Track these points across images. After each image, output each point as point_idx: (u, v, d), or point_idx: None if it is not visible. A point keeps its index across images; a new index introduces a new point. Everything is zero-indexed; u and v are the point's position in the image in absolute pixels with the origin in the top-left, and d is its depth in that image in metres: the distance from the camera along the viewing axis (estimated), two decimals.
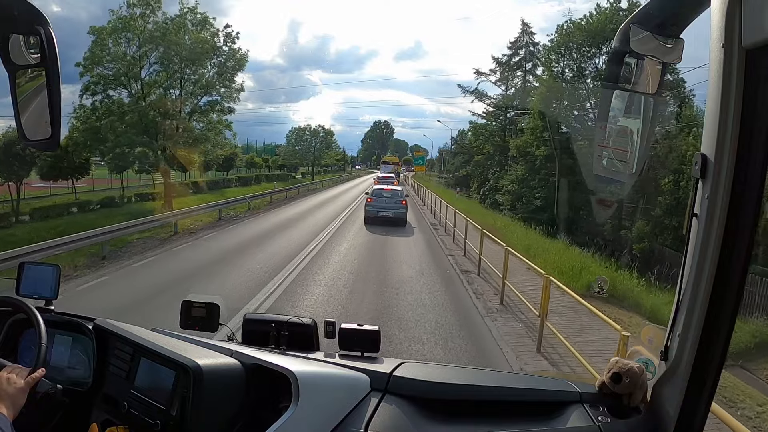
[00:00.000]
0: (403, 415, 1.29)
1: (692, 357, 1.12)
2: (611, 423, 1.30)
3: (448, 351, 5.84)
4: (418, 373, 1.43)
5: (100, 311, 1.81)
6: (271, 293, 7.75)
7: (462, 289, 8.90)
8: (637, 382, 1.31)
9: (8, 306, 1.56)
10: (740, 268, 1.04)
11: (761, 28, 0.87)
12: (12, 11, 1.11)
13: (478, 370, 2.22)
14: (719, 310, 1.07)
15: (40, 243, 9.18)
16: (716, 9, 0.96)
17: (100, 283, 8.49)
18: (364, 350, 1.53)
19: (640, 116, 1.24)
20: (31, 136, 1.22)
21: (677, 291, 1.15)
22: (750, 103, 0.95)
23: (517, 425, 1.32)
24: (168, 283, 8.36)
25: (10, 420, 1.16)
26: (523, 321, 7.12)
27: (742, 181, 0.99)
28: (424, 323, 6.75)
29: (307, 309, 7.07)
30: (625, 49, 1.18)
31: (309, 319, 1.69)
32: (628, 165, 1.25)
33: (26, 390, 1.26)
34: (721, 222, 1.02)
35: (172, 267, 9.92)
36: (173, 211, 15.42)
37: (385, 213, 15.96)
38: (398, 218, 15.96)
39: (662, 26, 1.13)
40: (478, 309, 7.65)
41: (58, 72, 1.15)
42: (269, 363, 1.33)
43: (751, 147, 0.97)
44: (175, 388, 1.32)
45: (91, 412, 1.50)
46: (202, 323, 1.72)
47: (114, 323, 1.59)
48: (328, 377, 1.35)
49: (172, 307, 1.87)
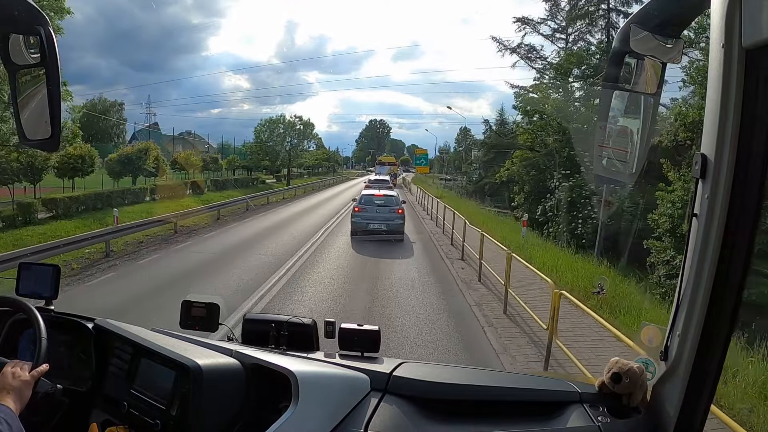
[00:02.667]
0: (403, 415, 1.29)
1: (692, 357, 1.12)
2: (611, 423, 1.30)
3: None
4: (418, 373, 1.43)
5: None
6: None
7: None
8: (637, 382, 1.31)
9: (8, 306, 1.56)
10: (740, 268, 1.04)
11: (761, 28, 0.87)
12: (12, 11, 1.11)
13: (479, 370, 2.21)
14: (719, 310, 1.07)
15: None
16: (716, 9, 0.96)
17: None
18: (364, 350, 1.53)
19: (640, 116, 1.25)
20: (31, 136, 1.22)
21: (677, 291, 1.15)
22: (750, 103, 0.95)
23: (517, 425, 1.32)
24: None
25: (17, 413, 1.16)
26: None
27: (742, 181, 0.99)
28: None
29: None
30: (625, 49, 1.18)
31: (309, 319, 1.69)
32: (627, 165, 1.25)
33: (31, 383, 1.26)
34: (721, 222, 1.02)
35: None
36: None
37: (376, 225, 12.27)
38: (394, 231, 12.33)
39: (662, 26, 1.13)
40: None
41: (58, 72, 1.15)
42: (269, 363, 1.33)
43: (751, 147, 0.97)
44: (175, 388, 1.32)
45: (91, 412, 1.50)
46: (202, 323, 1.72)
47: (114, 323, 1.59)
48: (328, 377, 1.35)
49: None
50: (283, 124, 38.82)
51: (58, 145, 1.24)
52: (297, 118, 40.08)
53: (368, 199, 13.09)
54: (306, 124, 40.48)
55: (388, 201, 13.04)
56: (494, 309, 7.40)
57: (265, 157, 37.15)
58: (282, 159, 38.17)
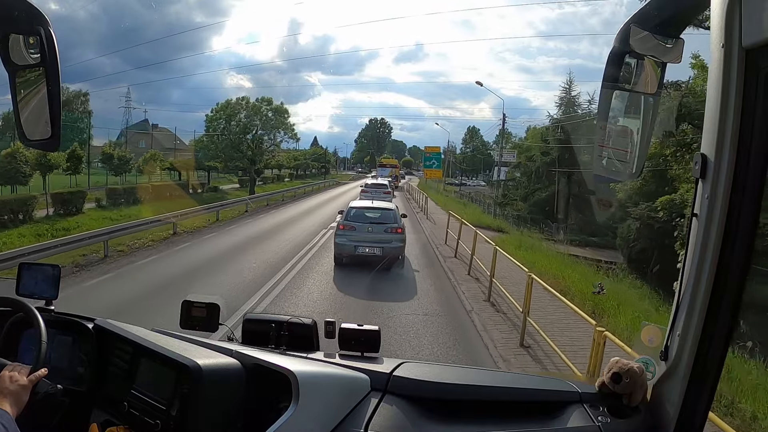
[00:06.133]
0: (403, 415, 1.29)
1: (692, 357, 1.12)
2: (611, 423, 1.30)
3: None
4: (418, 373, 1.43)
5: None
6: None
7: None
8: (637, 382, 1.31)
9: (8, 306, 1.56)
10: (740, 268, 1.04)
11: (761, 28, 0.88)
12: (12, 11, 1.11)
13: (479, 370, 2.21)
14: (719, 310, 1.07)
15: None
16: (716, 9, 0.96)
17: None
18: (364, 350, 1.53)
19: (640, 116, 1.25)
20: (31, 136, 1.22)
21: (677, 291, 1.15)
22: (750, 103, 0.95)
23: (517, 425, 1.32)
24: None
25: (14, 417, 1.16)
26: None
27: (742, 181, 0.99)
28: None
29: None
30: (625, 49, 1.18)
31: (309, 319, 1.68)
32: (628, 165, 1.25)
33: (29, 388, 1.26)
34: (721, 222, 1.02)
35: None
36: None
37: (367, 249, 9.27)
38: (389, 257, 9.27)
39: (662, 26, 1.13)
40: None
41: (58, 72, 1.15)
42: (269, 363, 1.33)
43: (751, 147, 0.97)
44: (175, 388, 1.32)
45: (91, 412, 1.50)
46: (202, 323, 1.72)
47: (114, 323, 1.59)
48: (328, 377, 1.35)
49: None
50: (246, 109, 29.14)
51: (59, 145, 1.24)
52: (264, 101, 30.01)
53: (357, 214, 9.79)
54: (278, 110, 30.20)
55: (383, 216, 9.81)
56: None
57: (220, 154, 28.33)
58: (247, 156, 28.87)
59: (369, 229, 9.45)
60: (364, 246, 9.27)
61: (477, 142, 45.52)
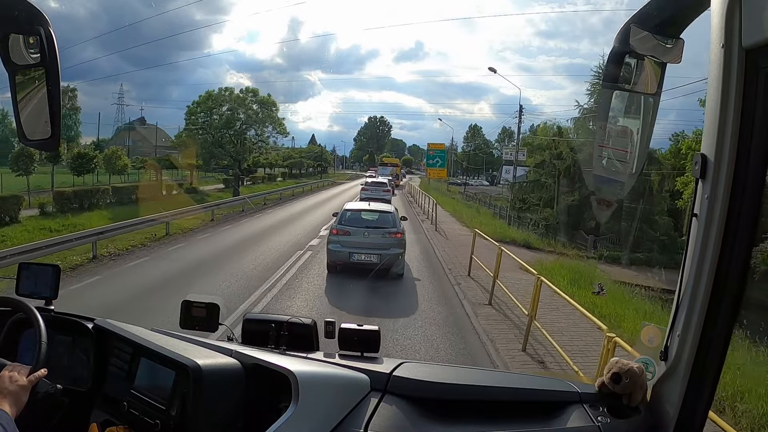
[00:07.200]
0: (402, 415, 1.29)
1: (692, 357, 1.12)
2: (611, 423, 1.30)
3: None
4: (417, 373, 1.43)
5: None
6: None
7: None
8: (637, 382, 1.31)
9: (8, 306, 1.56)
10: (740, 268, 1.04)
11: (761, 28, 0.88)
12: (12, 11, 1.11)
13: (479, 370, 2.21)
14: (719, 310, 1.07)
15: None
16: (716, 9, 0.96)
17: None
18: (364, 350, 1.53)
19: (640, 116, 1.25)
20: (31, 136, 1.22)
21: (677, 291, 1.15)
22: (750, 103, 0.95)
23: (517, 425, 1.32)
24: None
25: (12, 418, 1.16)
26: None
27: (742, 181, 0.99)
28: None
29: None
30: (625, 49, 1.18)
31: (309, 319, 1.68)
32: (628, 165, 1.25)
33: (28, 388, 1.26)
34: (721, 222, 1.02)
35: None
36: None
37: (363, 256, 8.38)
38: (388, 265, 8.35)
39: (662, 26, 1.13)
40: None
41: (58, 72, 1.15)
42: (269, 363, 1.33)
43: (751, 147, 0.97)
44: (175, 388, 1.32)
45: (91, 412, 1.50)
46: (202, 323, 1.72)
47: (114, 323, 1.59)
48: (327, 377, 1.35)
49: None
50: (230, 101, 26.04)
51: (59, 145, 1.24)
52: (250, 92, 26.59)
53: (353, 217, 8.91)
54: (264, 102, 26.67)
55: (381, 219, 8.92)
56: None
57: (200, 150, 25.59)
58: (230, 153, 26.21)
59: (365, 233, 8.52)
60: (360, 253, 8.35)
61: (479, 141, 44.60)
